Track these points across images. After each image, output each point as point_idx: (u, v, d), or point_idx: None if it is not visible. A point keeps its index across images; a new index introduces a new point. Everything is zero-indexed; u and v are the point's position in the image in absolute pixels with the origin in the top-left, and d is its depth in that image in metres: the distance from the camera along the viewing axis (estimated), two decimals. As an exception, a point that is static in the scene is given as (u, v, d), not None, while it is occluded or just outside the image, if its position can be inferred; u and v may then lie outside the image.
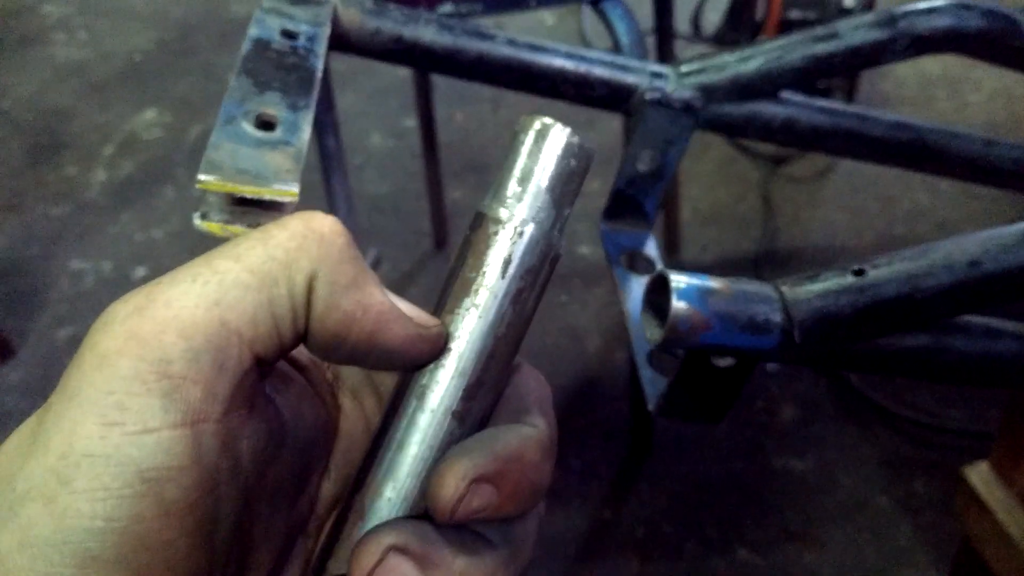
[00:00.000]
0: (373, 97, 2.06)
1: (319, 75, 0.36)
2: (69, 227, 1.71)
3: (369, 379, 0.30)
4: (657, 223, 0.64)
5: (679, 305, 0.31)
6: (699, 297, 0.31)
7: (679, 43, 1.94)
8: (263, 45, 0.37)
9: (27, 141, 1.96)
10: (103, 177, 1.85)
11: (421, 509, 0.25)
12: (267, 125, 0.31)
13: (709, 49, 2.17)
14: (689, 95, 0.49)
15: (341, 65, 1.84)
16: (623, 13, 0.81)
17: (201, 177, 0.28)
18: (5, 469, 0.21)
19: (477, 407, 0.26)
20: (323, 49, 0.40)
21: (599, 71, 0.48)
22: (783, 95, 0.51)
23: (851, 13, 1.82)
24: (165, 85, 2.15)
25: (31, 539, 0.20)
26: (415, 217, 1.70)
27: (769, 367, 1.42)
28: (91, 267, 1.62)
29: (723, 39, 2.14)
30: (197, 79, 2.17)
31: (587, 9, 2.41)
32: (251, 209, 0.29)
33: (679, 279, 0.32)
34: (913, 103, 2.04)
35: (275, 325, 0.23)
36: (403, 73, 1.95)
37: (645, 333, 0.35)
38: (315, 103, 0.34)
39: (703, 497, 1.24)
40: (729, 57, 0.50)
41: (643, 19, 0.94)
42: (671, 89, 0.49)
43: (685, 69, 0.50)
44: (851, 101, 1.92)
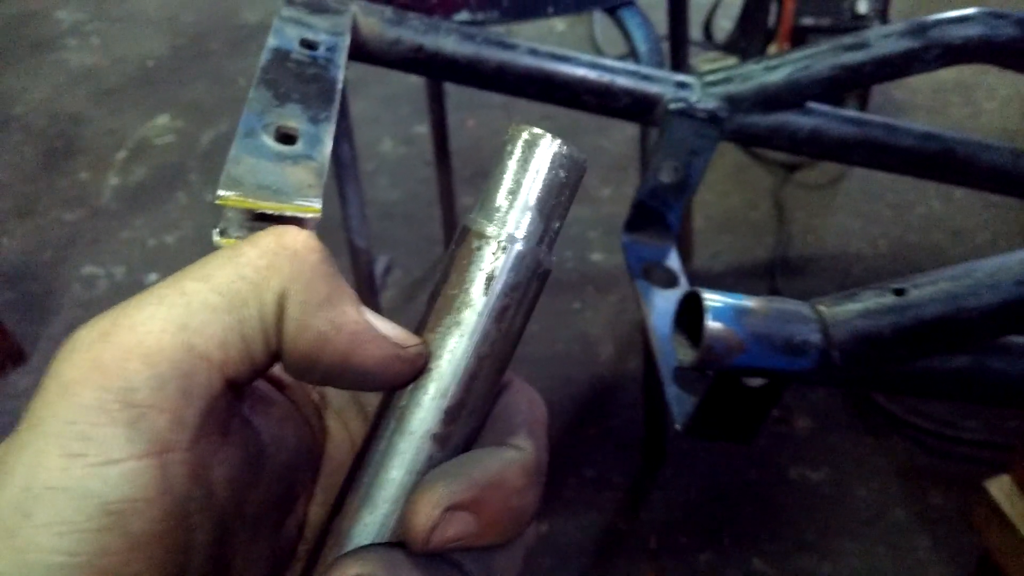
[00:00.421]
0: (384, 103, 2.06)
1: (340, 86, 0.36)
2: (82, 232, 1.71)
3: (356, 399, 0.29)
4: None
5: (713, 325, 0.30)
6: (734, 317, 0.30)
7: (691, 50, 1.93)
8: (282, 55, 0.36)
9: (40, 146, 1.97)
10: (116, 182, 1.85)
11: (399, 536, 0.24)
12: (288, 138, 0.30)
13: (720, 56, 2.16)
14: (714, 105, 0.48)
15: (352, 72, 1.83)
16: (641, 21, 0.80)
17: (220, 193, 0.27)
18: None
19: (460, 430, 0.25)
20: (343, 59, 0.39)
21: (623, 81, 0.47)
22: (809, 105, 0.50)
23: (865, 19, 1.80)
24: (177, 90, 2.15)
25: None
26: (426, 224, 1.69)
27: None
28: (103, 272, 1.62)
29: (735, 46, 2.12)
30: (209, 84, 2.17)
31: (598, 14, 2.40)
32: (272, 225, 0.28)
33: (713, 298, 0.31)
34: (927, 110, 2.02)
35: (246, 347, 0.22)
36: (414, 79, 1.95)
37: (676, 353, 0.34)
38: (336, 115, 0.33)
39: (718, 507, 1.23)
40: (755, 66, 0.49)
41: (656, 26, 0.94)
42: (696, 99, 0.48)
43: (710, 79, 0.49)
44: (864, 109, 1.91)
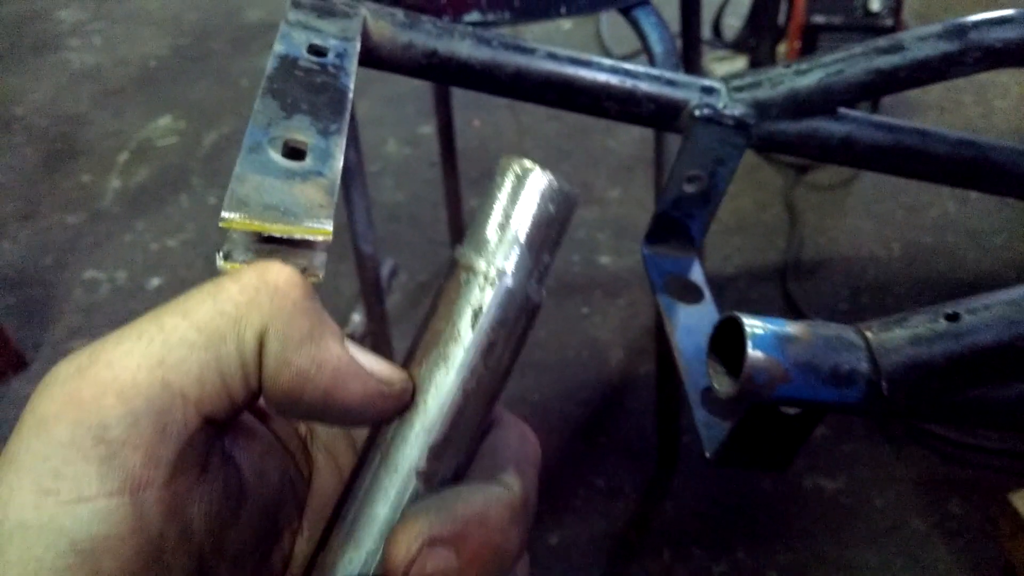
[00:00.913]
0: (388, 103, 2.03)
1: (351, 95, 0.33)
2: (83, 236, 1.69)
3: (346, 432, 0.29)
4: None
5: (755, 355, 0.28)
6: (777, 345, 0.28)
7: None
8: (290, 63, 0.34)
9: (42, 148, 1.95)
10: (117, 184, 1.83)
11: (383, 572, 0.24)
12: (296, 153, 0.28)
13: (729, 55, 2.13)
14: (742, 111, 0.46)
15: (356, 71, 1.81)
16: (656, 21, 0.78)
17: (225, 215, 0.25)
18: None
19: (446, 466, 0.25)
20: (354, 66, 0.37)
21: (646, 87, 0.45)
22: (840, 111, 0.48)
23: (878, 17, 1.78)
24: (180, 91, 2.13)
25: None
26: (432, 226, 1.67)
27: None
28: (105, 277, 1.60)
29: (744, 44, 2.10)
30: (212, 85, 2.15)
31: (605, 13, 2.37)
32: (279, 247, 0.26)
33: (754, 324, 0.28)
34: (939, 108, 1.99)
35: (223, 384, 0.22)
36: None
37: (711, 381, 0.31)
38: (347, 126, 0.31)
39: (731, 518, 1.20)
40: (785, 70, 0.46)
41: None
42: (723, 105, 0.46)
43: (737, 83, 0.47)
44: (876, 109, 1.88)
